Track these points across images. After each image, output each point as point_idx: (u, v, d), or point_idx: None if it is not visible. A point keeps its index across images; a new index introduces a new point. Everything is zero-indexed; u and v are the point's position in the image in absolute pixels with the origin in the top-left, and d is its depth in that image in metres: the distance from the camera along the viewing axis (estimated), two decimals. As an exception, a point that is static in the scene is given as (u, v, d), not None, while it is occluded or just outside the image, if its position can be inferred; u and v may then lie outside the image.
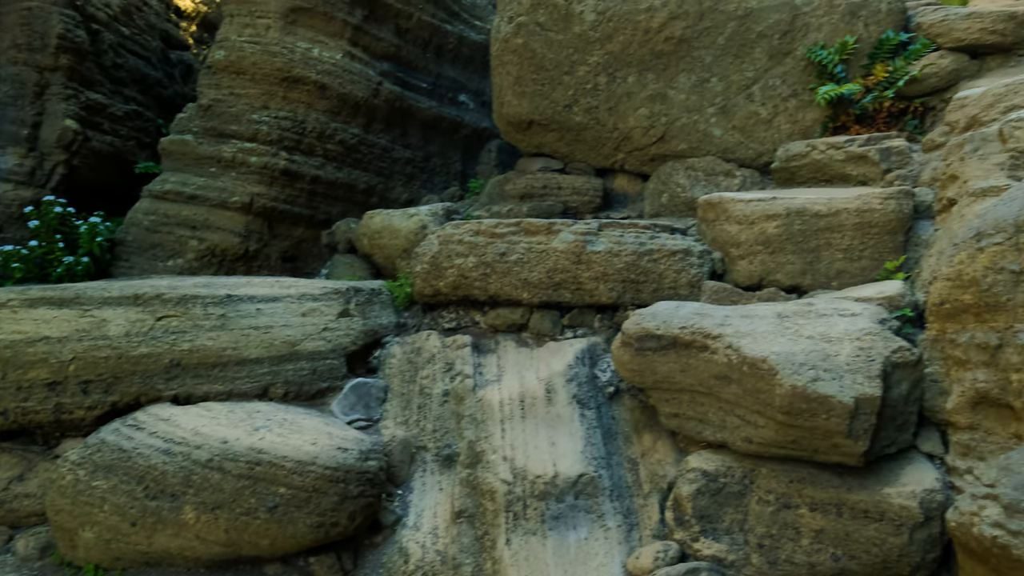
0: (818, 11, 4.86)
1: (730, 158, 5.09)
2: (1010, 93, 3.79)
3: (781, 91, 4.97)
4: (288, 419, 3.57)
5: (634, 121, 5.14)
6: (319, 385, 4.03)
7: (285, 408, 3.76)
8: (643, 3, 4.88)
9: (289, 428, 3.46)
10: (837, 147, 4.54)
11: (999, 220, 2.45)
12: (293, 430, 3.45)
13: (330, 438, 3.42)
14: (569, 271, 3.86)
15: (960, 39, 4.70)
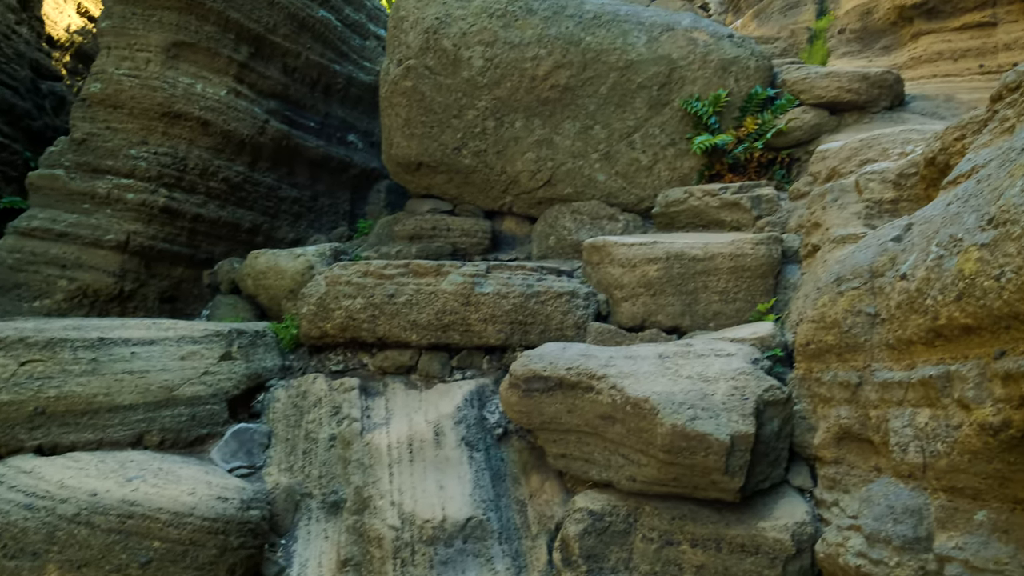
0: (693, 65, 5.13)
1: (614, 202, 5.27)
2: (864, 148, 4.10)
3: (660, 140, 5.20)
4: (164, 468, 3.40)
5: (522, 165, 5.25)
6: (198, 432, 3.87)
7: (161, 457, 3.58)
8: (529, 51, 5.02)
9: (165, 478, 3.30)
10: (712, 194, 4.79)
11: (856, 266, 2.64)
12: (169, 480, 3.29)
13: (209, 487, 3.28)
14: (458, 313, 3.88)
15: (821, 96, 5.06)
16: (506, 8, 5.04)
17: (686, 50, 5.14)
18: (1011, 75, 2.46)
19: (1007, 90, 2.49)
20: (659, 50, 5.12)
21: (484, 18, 5.04)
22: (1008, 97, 2.47)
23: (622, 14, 5.20)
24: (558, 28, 5.04)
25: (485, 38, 5.03)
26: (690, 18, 5.33)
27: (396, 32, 5.26)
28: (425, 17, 5.09)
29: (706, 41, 5.18)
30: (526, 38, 5.02)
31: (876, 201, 3.53)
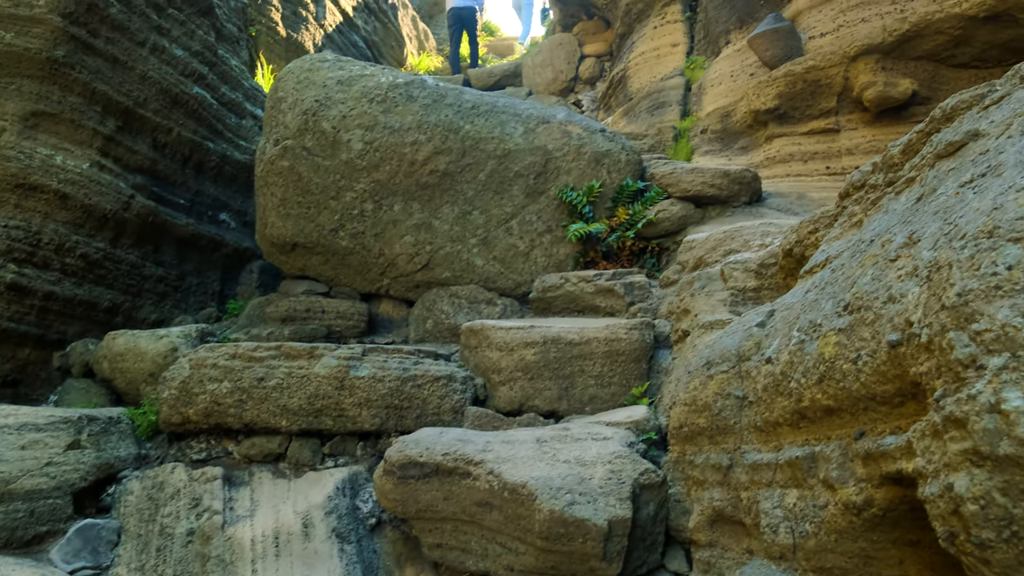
0: (567, 156, 5.32)
1: (491, 287, 5.31)
2: (728, 239, 4.33)
3: (537, 226, 5.32)
4: (-9, 574, 3.04)
5: (400, 248, 5.23)
6: (37, 529, 3.50)
7: (-11, 561, 3.21)
8: (409, 136, 5.07)
9: (-9, 586, 2.95)
10: (587, 280, 4.91)
11: (724, 350, 2.74)
12: (-3, 588, 2.94)
13: (44, 595, 2.96)
14: (331, 397, 3.74)
15: (687, 190, 5.34)
16: (386, 94, 5.11)
17: (561, 142, 5.34)
18: (856, 175, 2.67)
19: (853, 188, 2.69)
20: (535, 141, 5.29)
21: (364, 103, 5.08)
22: (854, 195, 2.67)
23: (500, 105, 5.36)
24: (438, 115, 5.14)
25: (365, 122, 5.05)
26: (564, 112, 5.56)
27: (274, 112, 5.21)
28: (304, 99, 5.08)
29: (580, 134, 5.41)
30: (406, 124, 5.08)
31: (740, 289, 3.71)
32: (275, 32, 8.99)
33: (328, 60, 5.30)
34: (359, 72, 5.21)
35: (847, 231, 2.63)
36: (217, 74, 5.87)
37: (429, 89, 5.22)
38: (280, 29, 9.07)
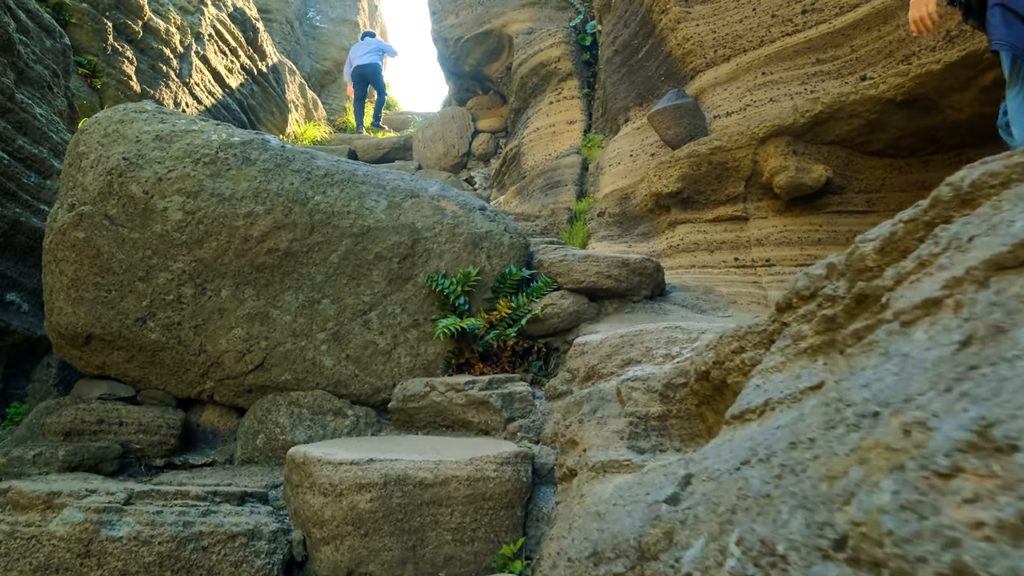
0: (440, 238, 4.46)
1: (343, 393, 4.32)
2: (626, 345, 3.51)
3: (401, 320, 4.40)
4: None
5: (227, 344, 4.20)
6: None
7: None
8: (243, 207, 4.11)
9: None
10: (457, 389, 3.98)
11: (618, 537, 1.85)
12: None
13: None
14: (71, 570, 2.62)
15: (579, 281, 4.55)
16: (216, 155, 4.14)
17: (432, 220, 4.48)
18: (802, 280, 1.87)
19: (798, 299, 1.89)
20: (401, 217, 4.41)
21: (188, 164, 4.09)
22: (800, 308, 1.87)
23: (360, 174, 4.47)
24: (281, 183, 4.20)
25: (187, 187, 4.06)
26: (438, 186, 4.72)
27: (72, 171, 4.16)
28: (111, 156, 4.06)
29: (455, 212, 4.56)
30: (240, 191, 4.12)
31: (641, 416, 2.86)
32: (127, 87, 7.93)
33: (147, 111, 4.31)
34: (184, 127, 4.24)
35: (793, 360, 1.82)
36: (13, 123, 4.77)
37: (272, 151, 4.29)
38: (134, 84, 8.01)
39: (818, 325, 1.75)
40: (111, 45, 7.74)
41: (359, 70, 13.50)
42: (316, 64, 16.41)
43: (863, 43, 4.99)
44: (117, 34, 7.87)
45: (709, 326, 3.58)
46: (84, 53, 7.52)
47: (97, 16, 7.51)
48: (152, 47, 8.44)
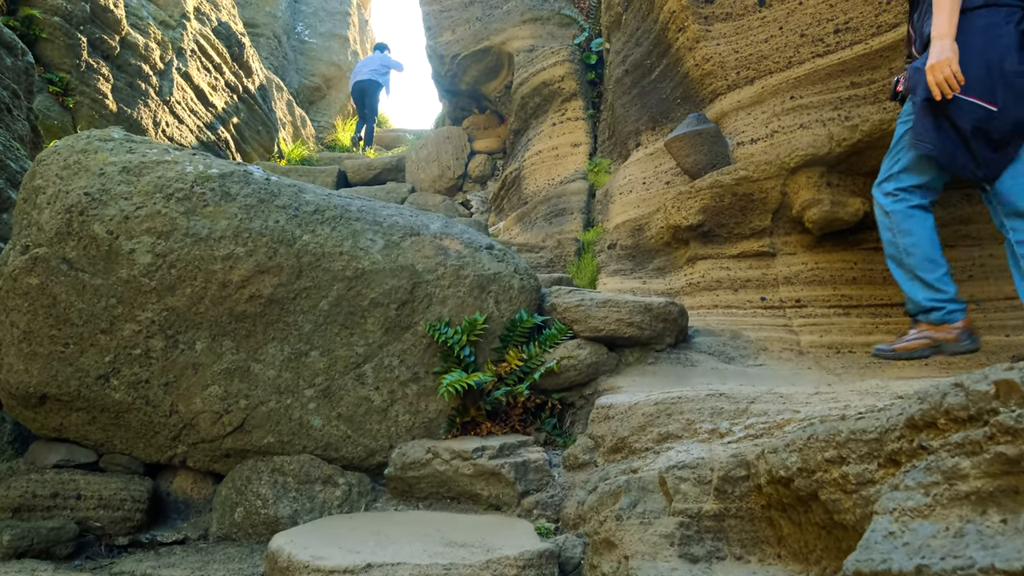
0: (443, 281, 3.99)
1: (333, 457, 3.83)
2: (662, 415, 3.04)
3: (400, 373, 3.92)
4: None
5: (202, 403, 3.70)
6: None
7: None
8: (221, 248, 3.62)
9: None
10: (464, 457, 3.51)
11: None
12: None
13: None
14: None
15: (598, 329, 4.09)
16: (191, 189, 3.66)
17: (434, 261, 4.01)
18: (955, 397, 1.40)
19: (948, 419, 1.42)
20: (400, 259, 3.94)
21: (159, 200, 3.61)
22: (954, 432, 1.40)
23: (353, 210, 4.00)
24: (264, 221, 3.72)
25: (158, 226, 3.58)
26: (440, 223, 4.25)
27: (27, 208, 3.66)
28: (70, 191, 3.57)
29: (460, 252, 4.09)
30: (218, 231, 3.63)
31: (693, 515, 2.39)
32: (102, 106, 7.44)
33: (113, 139, 3.82)
34: (156, 158, 3.75)
35: (948, 507, 1.35)
36: (-36, 150, 4.28)
37: (255, 185, 3.81)
38: (109, 102, 7.52)
39: (990, 465, 1.28)
40: (85, 61, 7.25)
41: (358, 86, 13.30)
42: (304, 80, 15.95)
43: (903, 66, 4.57)
44: (92, 50, 7.39)
45: (756, 391, 3.11)
46: (56, 70, 7.03)
47: (70, 30, 7.03)
48: (130, 63, 7.96)
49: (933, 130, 3.13)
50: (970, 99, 3.03)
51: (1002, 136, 3.02)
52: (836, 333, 4.63)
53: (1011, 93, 3.00)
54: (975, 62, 3.05)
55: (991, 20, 3.08)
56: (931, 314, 3.30)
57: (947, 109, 3.07)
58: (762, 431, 2.63)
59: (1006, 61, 3.01)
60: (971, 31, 3.08)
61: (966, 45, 3.06)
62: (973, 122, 3.02)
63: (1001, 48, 3.03)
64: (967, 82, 3.02)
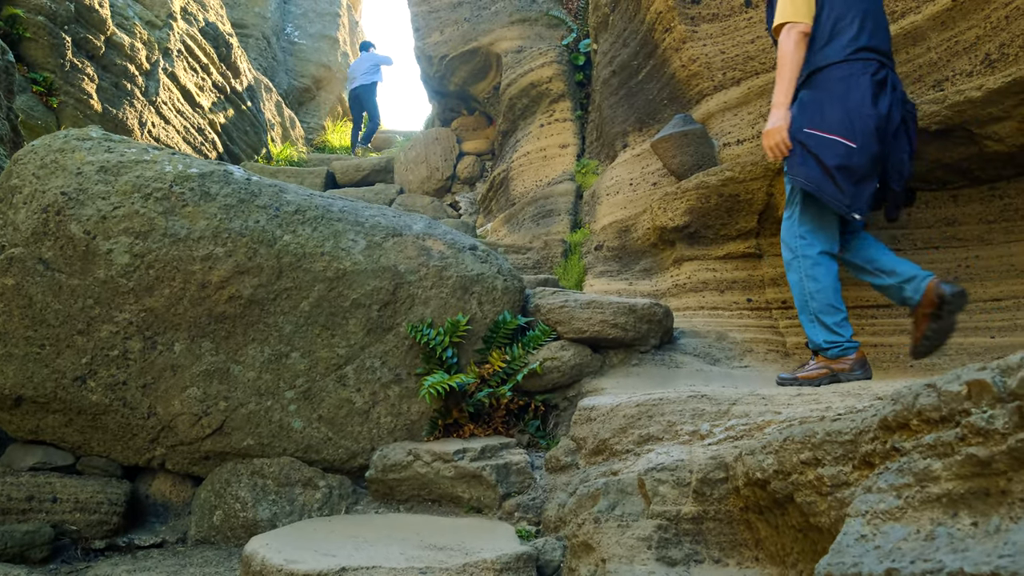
0: (425, 282, 3.96)
1: (314, 459, 3.79)
2: (644, 417, 3.02)
3: (381, 375, 3.88)
4: None
5: (181, 405, 3.66)
6: None
7: None
8: (200, 249, 3.58)
9: None
10: (445, 460, 3.48)
11: None
12: None
13: None
14: None
15: (582, 330, 4.06)
16: (170, 189, 3.62)
17: (417, 262, 3.98)
18: (927, 397, 1.38)
19: (920, 420, 1.40)
20: (382, 259, 3.91)
21: (137, 200, 3.57)
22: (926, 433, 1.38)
23: (335, 210, 3.97)
24: (244, 221, 3.68)
25: (136, 226, 3.54)
26: (423, 223, 4.22)
27: (3, 208, 3.61)
28: (47, 190, 3.52)
29: (443, 252, 4.06)
30: (197, 231, 3.60)
31: (671, 518, 2.36)
32: (87, 106, 7.38)
33: (91, 138, 3.78)
34: (135, 157, 3.71)
35: (920, 509, 1.33)
36: (-59, 150, 4.24)
37: (235, 184, 3.77)
38: (94, 102, 7.47)
39: (961, 467, 1.26)
40: (70, 61, 7.20)
41: (353, 92, 13.51)
42: (294, 81, 15.90)
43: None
44: (77, 49, 7.34)
45: (738, 393, 3.09)
46: (40, 69, 6.97)
47: (55, 30, 6.97)
48: (115, 63, 7.90)
49: (803, 165, 3.48)
50: (833, 137, 3.41)
51: (861, 170, 3.41)
52: (821, 334, 4.61)
53: (867, 132, 3.39)
54: (837, 106, 3.45)
55: (850, 71, 3.49)
56: (829, 351, 3.56)
57: (814, 147, 3.43)
58: (742, 433, 2.60)
59: (863, 106, 3.42)
60: (833, 80, 3.50)
61: (829, 92, 3.49)
62: (836, 158, 3.38)
63: (859, 94, 3.44)
64: (830, 123, 3.43)
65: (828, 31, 3.60)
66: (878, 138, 3.44)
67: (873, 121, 3.42)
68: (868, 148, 3.41)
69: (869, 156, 3.42)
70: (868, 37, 3.61)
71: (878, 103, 3.46)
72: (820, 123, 3.46)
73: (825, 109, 3.48)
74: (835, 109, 3.46)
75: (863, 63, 3.53)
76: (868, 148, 3.41)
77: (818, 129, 3.46)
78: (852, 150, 3.39)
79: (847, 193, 3.40)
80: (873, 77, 3.51)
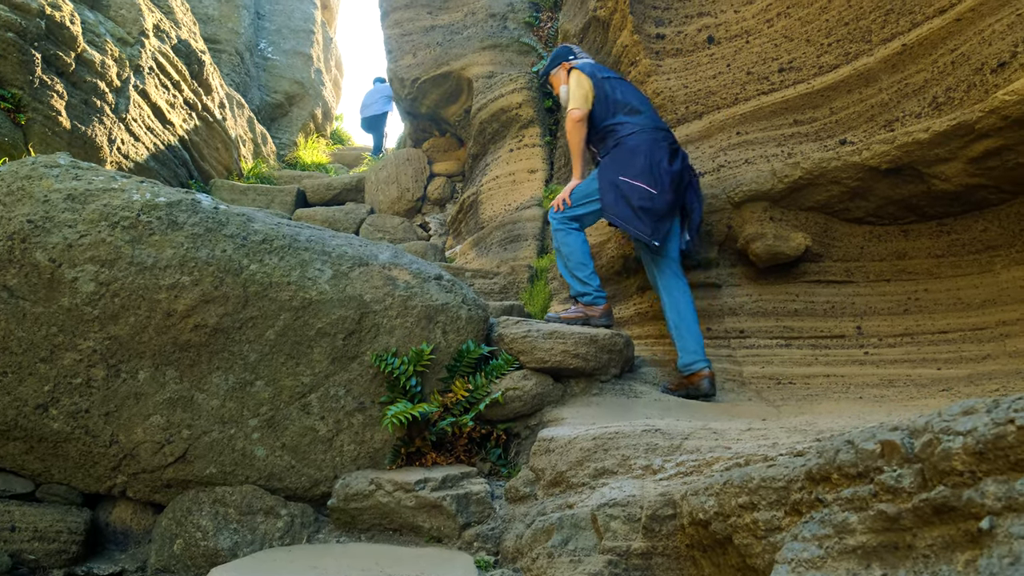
0: (391, 311, 4.02)
1: (276, 487, 3.82)
2: (600, 450, 3.10)
3: (345, 403, 3.93)
4: None
5: (144, 433, 3.68)
6: None
7: None
8: (167, 277, 3.62)
9: None
10: (407, 489, 3.53)
11: None
12: None
13: None
14: None
15: (544, 360, 4.14)
16: (138, 217, 3.66)
17: (383, 291, 4.04)
18: (846, 453, 1.47)
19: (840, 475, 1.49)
20: (348, 289, 3.97)
21: (104, 228, 3.60)
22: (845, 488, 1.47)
23: (302, 239, 4.02)
24: (211, 250, 3.73)
25: (102, 255, 3.57)
26: (389, 252, 4.29)
27: (-33, 233, 3.62)
28: (13, 217, 3.54)
29: (408, 282, 4.13)
30: (164, 260, 3.63)
31: (622, 553, 2.44)
32: (55, 123, 7.35)
33: (59, 165, 3.80)
34: (102, 185, 3.74)
35: (838, 560, 1.42)
36: (-94, 173, 4.22)
37: (202, 214, 3.82)
38: (63, 119, 7.44)
39: (874, 522, 1.36)
40: (39, 78, 7.17)
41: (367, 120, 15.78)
42: (267, 97, 15.89)
43: (843, 105, 4.73)
44: (46, 66, 7.31)
45: (691, 427, 3.19)
46: (8, 86, 6.94)
47: (24, 47, 6.95)
48: (86, 80, 7.88)
49: (616, 204, 4.53)
50: (638, 184, 4.47)
51: (660, 210, 4.47)
52: (778, 364, 4.74)
53: (664, 183, 4.47)
54: (642, 159, 4.52)
55: (653, 136, 4.65)
56: (583, 297, 4.73)
57: (624, 190, 4.49)
58: (692, 468, 2.69)
59: (663, 161, 4.53)
60: (638, 141, 4.61)
61: (634, 148, 4.59)
62: (639, 199, 4.45)
63: (659, 152, 4.57)
64: (637, 172, 4.50)
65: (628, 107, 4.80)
66: (673, 188, 4.51)
67: (669, 175, 4.50)
68: (665, 194, 4.48)
69: (665, 201, 4.48)
70: (657, 120, 4.86)
71: (672, 164, 4.56)
72: (632, 171, 4.52)
73: (636, 161, 4.53)
74: (641, 160, 4.53)
75: (664, 133, 4.74)
76: (665, 194, 4.48)
77: (629, 177, 4.51)
78: (653, 195, 4.45)
79: (649, 227, 4.44)
80: (670, 146, 4.67)
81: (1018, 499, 1.05)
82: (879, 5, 4.46)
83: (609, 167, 4.64)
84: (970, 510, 1.14)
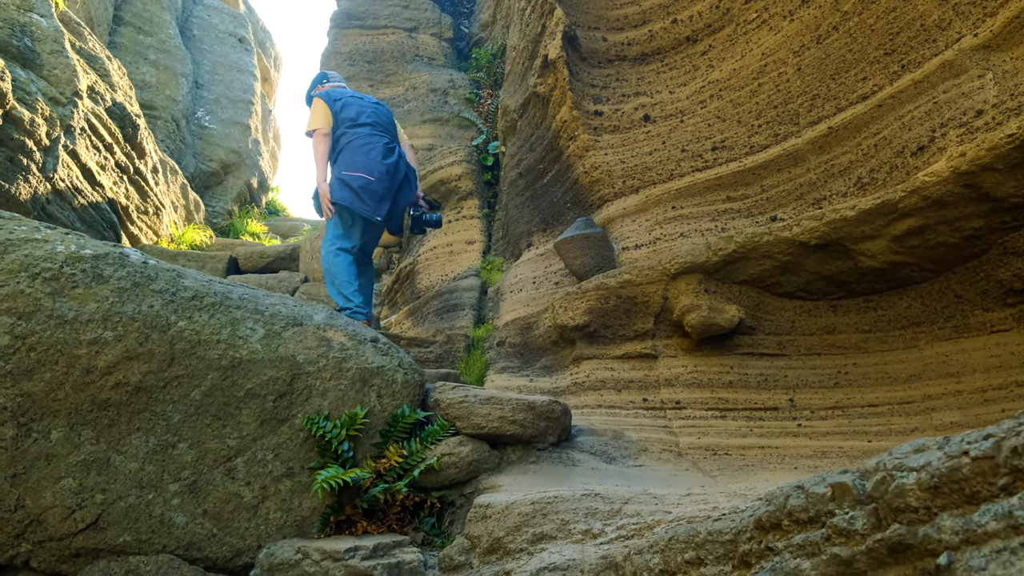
0: (324, 373, 3.91)
1: (196, 557, 3.60)
2: (538, 515, 3.03)
3: (273, 468, 3.76)
4: None
5: (53, 497, 3.44)
6: None
7: None
8: (88, 332, 3.46)
9: None
10: (335, 558, 3.36)
11: None
12: None
13: None
14: None
15: (480, 426, 4.07)
16: (60, 269, 3.51)
17: (316, 353, 3.94)
18: (796, 499, 1.46)
19: (791, 521, 1.47)
20: (280, 349, 3.85)
21: (23, 279, 3.44)
22: (796, 534, 1.45)
23: (234, 297, 3.91)
24: (138, 305, 3.59)
25: (19, 307, 3.39)
26: (324, 313, 4.20)
27: None
28: (-75, 265, 3.36)
29: (343, 344, 4.04)
30: (86, 314, 3.48)
31: (562, 619, 2.35)
32: (-22, 179, 7.10)
33: (-21, 214, 3.65)
34: (24, 235, 3.59)
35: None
36: None
37: (131, 268, 3.69)
38: (-14, 176, 7.19)
39: (827, 566, 1.33)
40: (-37, 133, 6.95)
41: None
42: (201, 165, 15.72)
43: (773, 183, 4.92)
44: (-28, 122, 7.10)
45: (631, 492, 3.15)
46: (-71, 140, 6.70)
47: (-51, 101, 6.75)
48: (12, 138, 7.67)
49: (339, 190, 5.88)
50: (359, 174, 5.84)
51: (378, 194, 5.85)
52: (713, 435, 4.76)
53: (379, 172, 5.88)
54: (361, 153, 5.91)
55: (371, 136, 6.04)
56: (345, 311, 5.74)
57: (348, 179, 5.84)
58: (633, 532, 2.64)
59: (379, 156, 5.95)
60: (362, 139, 5.99)
61: (359, 147, 5.95)
62: (360, 185, 5.81)
63: (376, 150, 5.97)
64: (358, 164, 5.88)
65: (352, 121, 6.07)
66: (388, 177, 5.89)
67: (384, 167, 5.89)
68: (382, 181, 5.86)
69: (382, 185, 5.85)
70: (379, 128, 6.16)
71: (386, 159, 5.96)
72: (352, 167, 5.87)
73: (356, 159, 5.89)
74: (361, 155, 5.90)
75: (379, 136, 6.08)
76: (382, 181, 5.86)
77: (350, 171, 5.85)
78: (370, 181, 5.82)
79: (371, 207, 5.80)
80: (387, 145, 6.05)
81: (976, 531, 1.04)
82: (806, 90, 4.70)
83: (337, 167, 5.99)
84: (927, 547, 1.13)
